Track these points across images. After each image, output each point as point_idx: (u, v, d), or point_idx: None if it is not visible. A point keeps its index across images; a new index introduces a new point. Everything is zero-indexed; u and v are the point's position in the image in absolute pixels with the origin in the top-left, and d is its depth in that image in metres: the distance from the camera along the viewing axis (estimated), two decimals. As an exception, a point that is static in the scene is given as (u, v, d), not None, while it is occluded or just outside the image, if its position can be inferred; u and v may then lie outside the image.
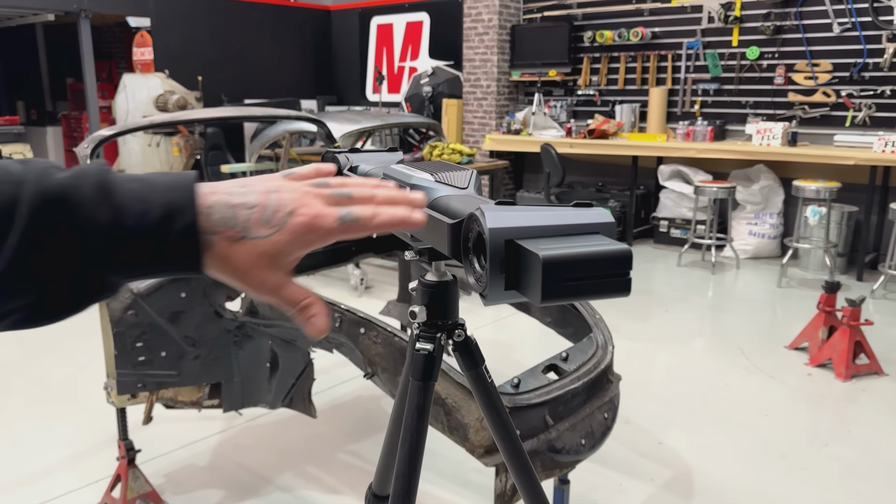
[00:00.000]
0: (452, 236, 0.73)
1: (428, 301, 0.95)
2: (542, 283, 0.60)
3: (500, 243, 0.64)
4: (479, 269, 0.68)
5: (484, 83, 7.71)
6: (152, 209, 0.52)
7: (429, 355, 0.94)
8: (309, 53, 9.58)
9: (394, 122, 5.35)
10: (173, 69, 7.72)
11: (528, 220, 0.66)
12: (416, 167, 0.90)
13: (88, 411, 3.25)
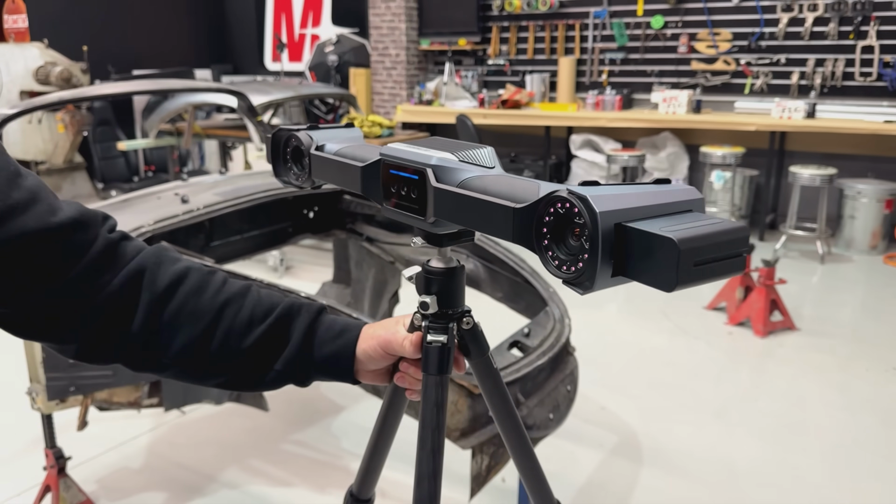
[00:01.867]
0: (522, 221, 0.68)
1: (438, 290, 0.89)
2: (677, 267, 0.56)
3: (611, 227, 0.60)
4: (565, 255, 0.64)
5: (393, 52, 7.54)
6: (330, 354, 0.88)
7: (443, 347, 0.88)
8: (200, 19, 9.03)
9: (308, 92, 5.15)
10: (52, 38, 7.06)
11: (631, 202, 0.62)
12: (426, 145, 0.83)
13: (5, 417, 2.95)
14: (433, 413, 0.90)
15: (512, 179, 0.75)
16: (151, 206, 2.31)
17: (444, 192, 0.78)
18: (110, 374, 2.08)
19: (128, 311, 0.80)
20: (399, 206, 0.84)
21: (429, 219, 0.80)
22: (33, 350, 2.07)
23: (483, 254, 2.55)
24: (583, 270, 0.62)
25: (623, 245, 0.60)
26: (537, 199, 0.67)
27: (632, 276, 0.61)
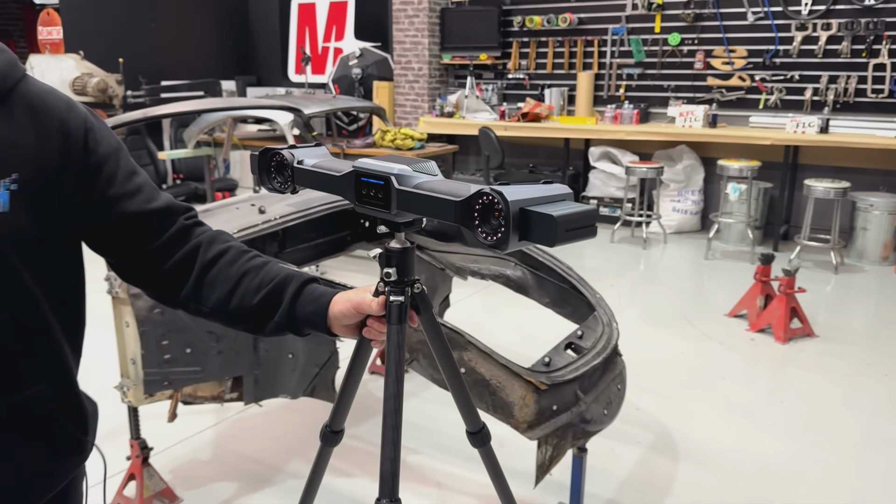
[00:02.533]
0: (461, 210, 1.01)
1: (397, 263, 1.19)
2: (555, 233, 0.92)
3: (518, 210, 0.94)
4: (489, 229, 0.97)
5: (415, 66, 7.76)
6: (309, 312, 1.14)
7: (402, 304, 1.18)
8: (226, 32, 9.27)
9: (342, 105, 5.35)
10: (87, 49, 7.29)
11: (528, 194, 0.96)
12: (386, 160, 1.15)
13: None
14: (395, 351, 1.19)
15: (451, 182, 1.08)
16: (233, 216, 2.51)
17: (405, 192, 1.09)
18: (199, 371, 2.27)
19: (185, 273, 1.15)
20: (367, 203, 1.15)
21: (393, 211, 1.11)
22: (126, 349, 2.26)
23: (531, 262, 2.74)
24: (501, 238, 0.95)
25: (525, 221, 0.94)
26: (471, 194, 0.99)
27: (530, 239, 0.95)
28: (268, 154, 1.30)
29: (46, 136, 1.01)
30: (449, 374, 1.39)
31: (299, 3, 8.99)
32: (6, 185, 0.96)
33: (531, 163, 7.53)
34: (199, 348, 2.25)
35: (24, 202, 0.97)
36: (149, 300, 2.14)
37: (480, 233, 0.98)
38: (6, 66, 1.00)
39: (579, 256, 5.86)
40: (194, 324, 2.23)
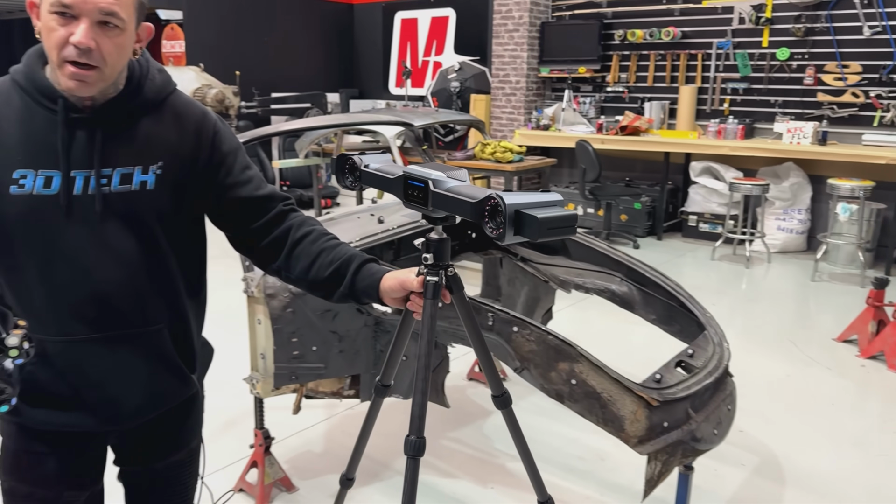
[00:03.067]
0: (475, 209, 1.31)
1: (433, 251, 1.46)
2: (538, 230, 1.22)
3: (513, 212, 1.24)
4: (493, 225, 1.27)
5: (513, 79, 7.86)
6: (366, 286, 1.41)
7: (436, 283, 1.44)
8: (332, 47, 9.69)
9: (444, 118, 5.50)
10: (206, 62, 7.81)
11: (524, 199, 1.26)
12: (429, 167, 1.47)
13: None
14: (429, 320, 1.45)
15: (472, 188, 1.38)
16: (354, 224, 2.68)
17: (438, 194, 1.39)
18: (322, 367, 2.44)
19: (279, 248, 1.45)
20: (412, 201, 1.46)
21: (429, 208, 1.42)
22: (256, 344, 2.46)
23: (638, 278, 2.77)
24: (501, 233, 1.25)
25: (519, 220, 1.24)
26: (482, 198, 1.29)
27: (521, 234, 1.24)
28: (343, 159, 1.64)
29: (185, 135, 1.37)
30: (476, 343, 1.67)
31: (402, 19, 9.28)
32: (153, 169, 1.33)
33: (628, 176, 7.48)
34: (323, 347, 2.42)
35: (165, 183, 1.33)
36: (283, 300, 2.33)
37: (488, 227, 1.28)
38: (164, 82, 1.39)
39: (678, 273, 5.77)
40: (320, 324, 2.40)
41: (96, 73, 1.21)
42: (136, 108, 1.32)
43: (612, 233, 6.81)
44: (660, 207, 6.99)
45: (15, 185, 1.25)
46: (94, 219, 1.28)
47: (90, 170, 1.27)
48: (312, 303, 2.36)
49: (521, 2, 7.58)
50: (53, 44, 1.20)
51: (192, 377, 1.47)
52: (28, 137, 1.26)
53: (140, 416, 1.42)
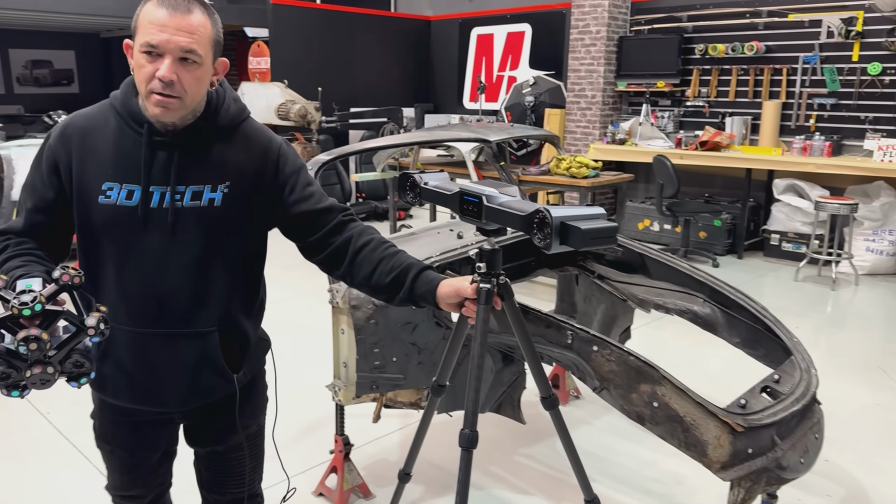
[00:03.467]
0: (525, 221, 1.47)
1: (486, 260, 1.57)
2: (581, 240, 1.37)
3: (559, 223, 1.39)
4: (541, 236, 1.43)
5: (589, 93, 7.82)
6: (424, 292, 1.54)
7: (489, 290, 1.56)
8: (409, 62, 9.88)
9: (519, 133, 5.53)
10: (289, 78, 8.10)
11: (569, 212, 1.41)
12: (482, 184, 1.63)
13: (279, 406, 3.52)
14: (482, 325, 1.58)
15: (522, 202, 1.53)
16: (434, 239, 2.74)
17: (491, 208, 1.55)
18: (402, 378, 2.50)
19: (342, 255, 1.61)
20: (467, 214, 1.60)
21: (483, 221, 1.57)
22: (339, 353, 2.54)
23: (722, 299, 2.72)
24: (549, 242, 1.39)
25: (565, 231, 1.39)
26: (531, 211, 1.45)
27: (567, 244, 1.39)
28: (405, 177, 1.81)
29: (252, 158, 1.54)
30: (525, 347, 1.77)
31: (478, 34, 9.38)
32: (221, 188, 1.50)
33: (707, 193, 7.31)
34: (403, 358, 2.48)
35: (231, 201, 1.51)
36: (366, 311, 2.40)
37: (536, 237, 1.42)
38: (237, 111, 1.56)
39: (759, 294, 5.60)
40: (401, 335, 2.46)
41: (178, 101, 1.40)
42: (210, 133, 1.50)
43: (690, 250, 6.67)
44: (741, 225, 6.80)
45: (103, 195, 1.46)
46: (166, 230, 1.47)
47: (166, 186, 1.46)
48: (394, 315, 2.42)
49: (598, 17, 7.55)
50: (142, 78, 1.39)
51: (235, 377, 1.62)
52: (118, 155, 1.47)
53: (183, 406, 1.63)
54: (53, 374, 1.19)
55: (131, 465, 1.71)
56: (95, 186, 1.46)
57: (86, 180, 1.47)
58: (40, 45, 10.54)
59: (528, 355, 1.73)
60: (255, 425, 1.77)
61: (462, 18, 9.56)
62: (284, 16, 8.34)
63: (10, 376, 1.17)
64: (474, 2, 9.47)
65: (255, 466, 1.80)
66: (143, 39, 1.38)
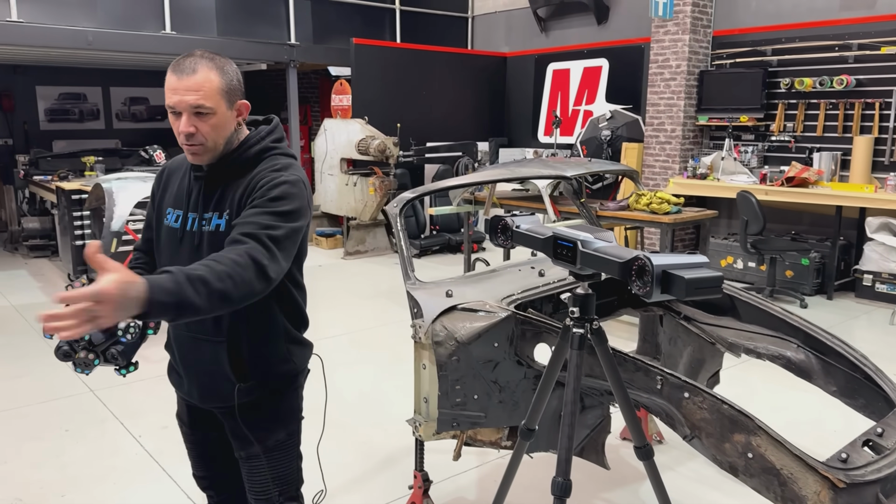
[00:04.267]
0: (623, 268, 1.49)
1: (580, 305, 1.62)
2: (685, 289, 1.39)
3: (660, 272, 1.41)
4: (641, 283, 1.45)
5: (668, 127, 7.71)
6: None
7: (582, 335, 1.60)
8: (484, 98, 9.99)
9: (597, 168, 5.48)
10: (369, 115, 8.33)
11: (671, 260, 1.43)
12: (576, 228, 1.66)
13: (353, 436, 3.57)
14: (574, 371, 1.62)
15: (619, 248, 1.56)
16: (515, 277, 2.74)
17: (586, 253, 1.56)
18: (482, 416, 2.49)
19: None
20: (561, 259, 1.61)
21: (577, 266, 1.59)
22: (421, 388, 2.56)
23: (817, 346, 2.60)
24: (649, 291, 1.40)
25: (667, 280, 1.40)
26: (630, 258, 1.46)
27: (670, 293, 1.39)
28: (497, 220, 1.89)
29: (244, 187, 1.74)
30: (619, 394, 1.78)
31: (554, 70, 9.42)
32: (225, 216, 1.74)
33: (794, 230, 7.04)
34: (484, 396, 2.47)
35: (230, 225, 1.69)
36: (449, 348, 2.42)
37: (635, 284, 1.42)
38: (261, 150, 1.78)
39: (851, 337, 5.31)
40: (483, 373, 2.46)
41: (202, 147, 1.71)
42: (230, 169, 1.76)
43: (776, 289, 6.41)
44: (830, 264, 6.50)
45: (166, 217, 1.85)
46: (193, 249, 1.77)
47: (196, 213, 1.79)
48: (476, 352, 2.43)
49: (678, 51, 7.47)
50: (175, 133, 1.70)
51: (237, 386, 1.80)
52: (180, 187, 1.85)
53: (204, 403, 1.90)
54: (93, 360, 1.62)
55: (193, 441, 2.03)
56: (163, 211, 1.87)
57: (162, 206, 1.88)
58: (138, 83, 11.22)
59: (622, 403, 1.70)
60: (273, 439, 1.91)
61: (538, 54, 9.63)
62: (366, 55, 8.61)
63: (70, 355, 1.63)
64: (550, 38, 9.54)
65: (276, 478, 1.92)
66: (166, 103, 1.68)
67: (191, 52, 1.70)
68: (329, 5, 8.98)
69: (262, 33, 8.45)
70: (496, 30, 10.31)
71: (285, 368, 1.90)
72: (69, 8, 7.16)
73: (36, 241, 7.95)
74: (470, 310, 2.46)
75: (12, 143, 10.20)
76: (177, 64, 1.67)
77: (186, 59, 1.67)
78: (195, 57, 1.68)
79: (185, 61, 1.67)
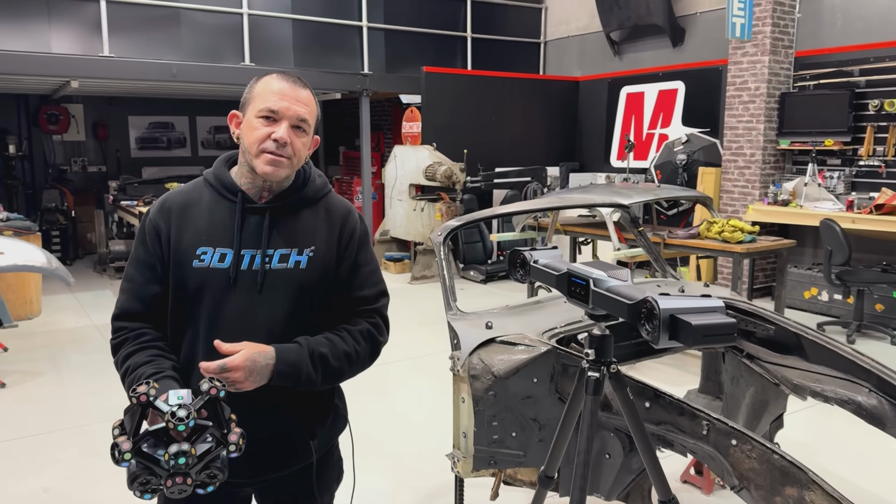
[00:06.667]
0: (632, 310, 1.38)
1: (595, 347, 1.51)
2: (692, 336, 1.27)
3: (667, 316, 1.29)
4: (649, 328, 1.33)
5: (747, 151, 7.39)
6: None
7: (597, 380, 1.48)
8: (556, 122, 9.89)
9: (665, 195, 5.30)
10: (437, 141, 8.38)
11: (681, 304, 1.31)
12: (591, 265, 1.56)
13: (398, 465, 3.52)
14: (589, 418, 1.49)
15: (632, 288, 1.41)
16: (561, 309, 2.64)
17: (598, 293, 1.47)
18: (521, 455, 2.39)
19: None
20: (574, 297, 1.53)
21: (589, 306, 1.49)
22: (459, 422, 2.48)
23: (891, 390, 2.37)
24: (656, 336, 1.29)
25: (675, 325, 1.29)
26: (638, 300, 1.36)
27: (677, 339, 1.28)
28: (515, 254, 1.81)
29: (333, 227, 1.66)
30: (641, 444, 1.65)
31: (628, 93, 9.23)
32: (307, 252, 1.61)
33: (885, 261, 6.56)
34: (523, 434, 2.38)
35: (314, 264, 1.61)
36: (485, 382, 2.34)
37: (643, 328, 1.33)
38: (322, 184, 1.71)
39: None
40: (521, 410, 2.37)
41: (287, 161, 1.56)
42: (298, 203, 1.64)
43: (864, 324, 5.98)
44: (926, 298, 6.01)
45: (197, 259, 1.57)
46: (255, 290, 1.57)
47: (256, 249, 1.58)
48: (514, 388, 2.34)
49: (757, 73, 7.17)
50: (256, 138, 1.54)
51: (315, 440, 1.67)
52: (211, 222, 1.60)
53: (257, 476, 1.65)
54: (190, 486, 1.25)
55: None
56: (191, 252, 1.58)
57: (182, 247, 1.58)
58: (221, 112, 11.75)
59: (644, 453, 1.58)
60: (331, 493, 1.84)
61: (611, 78, 9.47)
62: (436, 82, 8.69)
63: (150, 482, 1.23)
64: (624, 61, 9.37)
65: None
66: (263, 105, 1.54)
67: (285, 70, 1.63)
68: (402, 35, 9.14)
69: (337, 63, 8.67)
70: (569, 54, 10.22)
71: (342, 420, 1.80)
72: (156, 43, 7.57)
73: (121, 263, 8.39)
74: (509, 343, 2.38)
75: (105, 169, 10.85)
76: (283, 74, 1.58)
77: (292, 74, 1.59)
78: (298, 76, 1.59)
79: (292, 76, 1.58)
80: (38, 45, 6.92)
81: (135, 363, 1.52)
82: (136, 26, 7.43)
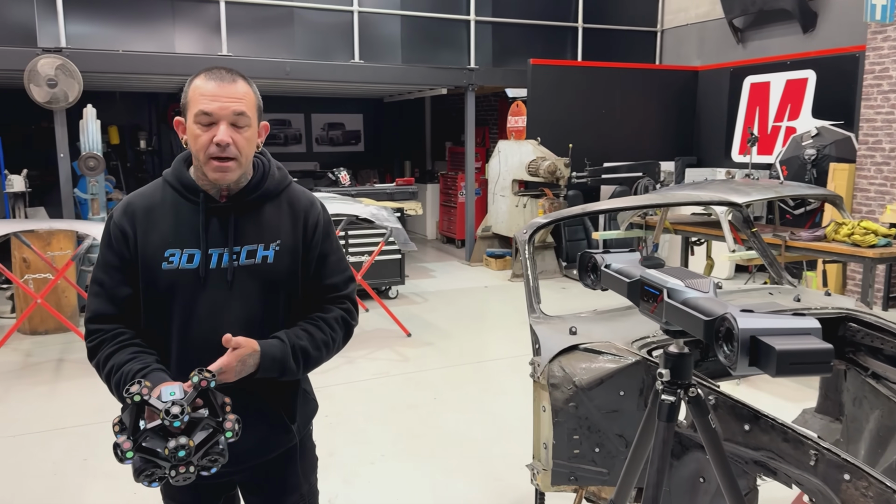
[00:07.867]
0: (707, 328, 1.15)
1: (671, 366, 1.29)
2: (776, 364, 1.04)
3: (747, 338, 1.07)
4: (727, 350, 1.10)
5: (886, 146, 6.69)
6: None
7: (672, 404, 1.27)
8: (672, 115, 9.41)
9: (788, 193, 4.88)
10: (543, 135, 8.17)
11: (764, 324, 1.07)
12: (669, 273, 1.36)
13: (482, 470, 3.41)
14: (661, 446, 1.29)
15: (712, 301, 1.18)
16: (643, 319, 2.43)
17: (671, 305, 1.27)
18: (605, 473, 2.22)
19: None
20: (647, 309, 1.34)
21: (662, 320, 1.28)
22: (540, 432, 2.34)
23: None
24: (734, 359, 1.06)
25: (755, 348, 1.07)
26: (716, 317, 1.14)
27: (757, 366, 1.06)
28: (586, 257, 1.64)
29: (297, 220, 1.68)
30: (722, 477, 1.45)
31: (752, 83, 8.62)
32: (273, 246, 1.64)
33: None
34: (608, 450, 2.20)
35: (281, 257, 1.64)
36: (566, 392, 2.19)
37: (721, 350, 1.13)
38: (282, 177, 1.70)
39: None
40: (605, 424, 2.20)
41: (234, 163, 1.55)
42: (260, 198, 1.65)
43: None
44: None
45: (166, 261, 1.59)
46: (225, 287, 1.59)
47: (224, 247, 1.60)
48: (598, 400, 2.17)
49: (901, 58, 6.46)
50: (200, 146, 1.53)
51: (292, 425, 1.72)
52: (176, 224, 1.61)
53: (250, 458, 1.69)
54: (193, 472, 1.34)
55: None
56: (159, 255, 1.59)
57: (149, 250, 1.59)
58: (335, 109, 12.05)
59: (728, 490, 1.38)
60: (311, 480, 1.86)
61: (733, 67, 8.88)
62: (543, 75, 8.47)
63: (155, 473, 1.33)
64: (748, 49, 8.75)
65: None
66: (196, 109, 1.52)
67: (215, 65, 1.61)
68: (510, 27, 8.99)
69: (444, 59, 8.64)
70: (687, 43, 9.68)
71: (313, 404, 1.87)
72: (271, 42, 7.84)
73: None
74: (593, 351, 2.22)
75: (227, 165, 11.41)
76: (210, 72, 1.55)
77: (219, 70, 1.56)
78: (226, 70, 1.57)
79: (220, 71, 1.55)
80: (164, 46, 7.34)
81: (118, 361, 1.55)
82: (253, 26, 7.72)
